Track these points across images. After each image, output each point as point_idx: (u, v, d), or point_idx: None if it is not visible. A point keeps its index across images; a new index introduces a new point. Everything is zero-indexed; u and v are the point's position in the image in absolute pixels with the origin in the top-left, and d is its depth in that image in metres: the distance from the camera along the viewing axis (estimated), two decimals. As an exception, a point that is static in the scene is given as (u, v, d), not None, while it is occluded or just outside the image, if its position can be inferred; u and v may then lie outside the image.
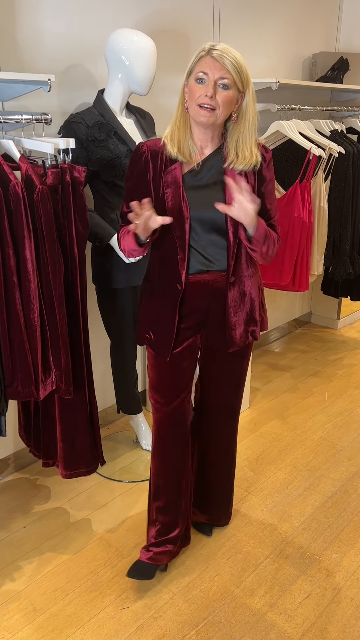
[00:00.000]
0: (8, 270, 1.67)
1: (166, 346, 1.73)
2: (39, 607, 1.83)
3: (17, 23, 2.08)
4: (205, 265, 1.65)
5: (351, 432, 2.84)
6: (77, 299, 1.85)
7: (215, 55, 1.47)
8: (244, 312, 1.73)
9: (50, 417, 2.01)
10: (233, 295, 1.70)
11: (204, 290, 1.67)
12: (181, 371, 1.79)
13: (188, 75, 1.54)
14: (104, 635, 1.74)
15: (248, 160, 1.60)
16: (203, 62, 1.49)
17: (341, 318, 4.18)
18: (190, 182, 1.61)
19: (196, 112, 1.52)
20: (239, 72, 1.50)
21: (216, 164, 1.62)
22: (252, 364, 3.45)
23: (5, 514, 2.24)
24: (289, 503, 2.32)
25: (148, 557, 1.90)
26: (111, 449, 2.66)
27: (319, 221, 2.93)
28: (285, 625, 1.78)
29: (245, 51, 3.03)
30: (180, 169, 1.60)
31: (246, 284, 1.71)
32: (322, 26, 3.56)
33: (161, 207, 1.61)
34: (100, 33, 2.28)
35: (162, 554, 1.91)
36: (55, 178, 1.72)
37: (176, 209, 1.59)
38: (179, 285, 1.65)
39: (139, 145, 1.65)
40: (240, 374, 1.90)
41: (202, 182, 1.62)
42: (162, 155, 1.61)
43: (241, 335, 1.75)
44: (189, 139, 1.59)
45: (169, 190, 1.60)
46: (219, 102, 1.50)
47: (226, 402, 1.93)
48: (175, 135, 1.60)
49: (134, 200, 1.65)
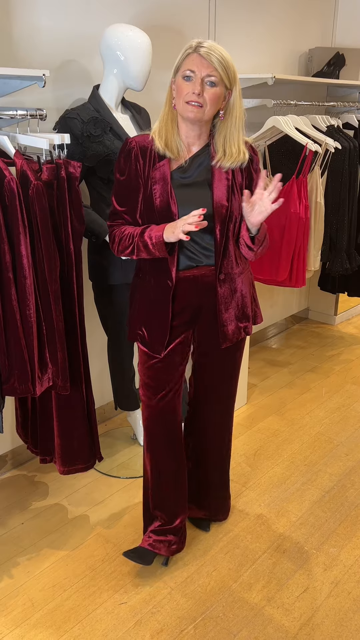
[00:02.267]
0: (3, 266, 1.67)
1: (160, 343, 1.74)
2: (37, 602, 1.84)
3: (12, 18, 2.07)
4: (193, 261, 1.67)
5: (348, 427, 2.84)
6: (74, 295, 1.84)
7: (203, 52, 1.48)
8: (235, 308, 1.75)
9: (48, 414, 2.01)
10: (223, 292, 1.71)
11: (194, 285, 1.68)
12: (172, 367, 1.79)
13: (175, 72, 1.55)
14: (102, 630, 1.74)
15: (235, 158, 1.60)
16: (190, 60, 1.50)
17: (338, 314, 4.18)
18: (178, 179, 1.62)
19: (184, 109, 1.53)
20: (226, 69, 1.50)
21: (204, 162, 1.62)
22: (250, 360, 3.45)
23: (3, 511, 2.24)
24: (286, 498, 2.33)
25: (148, 543, 1.92)
26: (109, 445, 2.66)
27: (316, 217, 2.93)
28: (283, 619, 1.78)
29: (241, 46, 3.04)
30: (168, 165, 1.61)
31: (237, 280, 1.72)
32: (318, 21, 3.55)
33: (150, 203, 1.61)
34: (96, 28, 2.28)
35: (162, 543, 1.92)
36: (50, 174, 1.71)
37: (164, 206, 1.60)
38: (170, 282, 1.66)
39: (128, 140, 1.65)
40: (233, 369, 1.91)
41: (190, 180, 1.62)
42: (150, 151, 1.61)
43: (233, 331, 1.76)
44: (176, 135, 1.60)
45: (156, 186, 1.60)
46: (206, 99, 1.50)
47: (220, 397, 1.93)
48: (163, 132, 1.60)
49: (127, 197, 1.66)
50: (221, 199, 1.61)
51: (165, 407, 1.82)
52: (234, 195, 1.63)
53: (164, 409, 1.83)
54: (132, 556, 1.90)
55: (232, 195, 1.63)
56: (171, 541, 1.94)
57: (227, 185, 1.62)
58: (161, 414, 1.83)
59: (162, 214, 1.61)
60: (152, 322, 1.74)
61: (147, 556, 1.91)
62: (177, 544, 1.96)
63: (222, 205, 1.61)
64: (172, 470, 1.90)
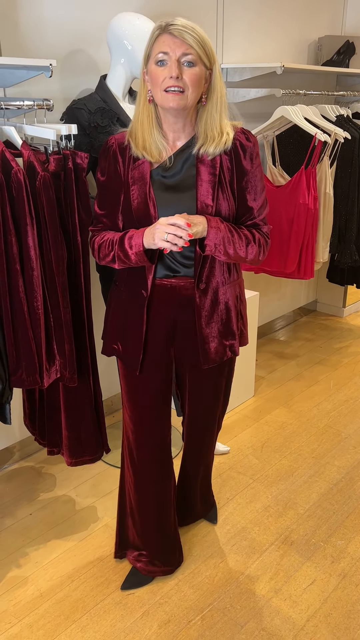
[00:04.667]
0: (11, 258, 1.66)
1: (135, 359, 1.59)
2: (45, 593, 1.85)
3: (19, 8, 2.05)
4: (172, 270, 1.51)
5: (356, 419, 2.83)
6: (81, 286, 1.84)
7: (173, 30, 1.31)
8: (218, 323, 1.56)
9: (55, 405, 2.01)
10: (204, 304, 1.52)
11: (171, 296, 1.52)
12: (153, 386, 1.64)
13: (146, 60, 1.38)
14: (109, 620, 1.75)
15: (217, 141, 1.42)
16: (161, 41, 1.33)
17: (347, 306, 4.16)
18: (159, 178, 1.46)
19: (163, 99, 1.36)
20: (202, 46, 1.33)
21: (189, 157, 1.46)
22: (257, 352, 3.44)
23: (12, 502, 2.25)
24: (294, 490, 2.32)
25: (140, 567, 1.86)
26: (117, 437, 2.66)
27: (325, 208, 2.90)
28: (290, 610, 1.78)
29: (249, 35, 3.01)
30: (148, 163, 1.46)
31: (220, 291, 1.54)
32: (327, 9, 3.50)
33: (127, 206, 1.48)
34: (102, 18, 2.25)
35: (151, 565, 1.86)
36: (57, 165, 1.70)
37: (142, 209, 1.45)
38: (145, 291, 1.52)
39: (108, 139, 1.52)
40: (218, 391, 1.73)
41: (173, 179, 1.46)
42: (130, 150, 1.47)
43: (216, 349, 1.57)
44: (155, 134, 1.43)
45: (135, 187, 1.45)
46: (187, 82, 1.33)
47: (202, 418, 1.78)
48: (138, 133, 1.44)
49: (108, 200, 1.53)
50: (205, 197, 1.44)
51: (150, 430, 1.68)
52: (221, 193, 1.46)
53: (148, 432, 1.69)
54: (129, 585, 1.83)
55: (220, 192, 1.46)
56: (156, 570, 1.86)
57: (214, 182, 1.44)
58: (145, 437, 1.70)
59: (140, 217, 1.46)
60: (127, 335, 1.59)
61: (145, 578, 1.86)
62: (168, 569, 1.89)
63: (206, 205, 1.44)
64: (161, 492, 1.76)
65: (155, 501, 1.79)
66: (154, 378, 1.64)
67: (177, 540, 1.92)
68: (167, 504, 1.81)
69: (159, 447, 1.75)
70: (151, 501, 1.79)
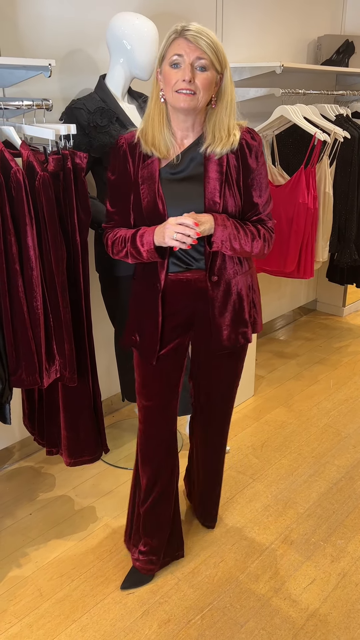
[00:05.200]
0: (10, 257, 1.66)
1: (152, 349, 1.65)
2: (45, 592, 1.85)
3: (18, 8, 2.05)
4: (184, 264, 1.57)
5: (356, 419, 2.83)
6: (80, 286, 1.84)
7: (189, 36, 1.37)
8: (231, 313, 1.63)
9: (54, 405, 2.01)
10: (216, 295, 1.59)
11: (186, 289, 1.59)
12: (167, 374, 1.71)
13: (160, 61, 1.44)
14: (109, 620, 1.75)
15: (225, 141, 1.48)
16: (176, 45, 1.39)
17: (347, 305, 4.16)
18: (167, 176, 1.52)
19: (175, 99, 1.42)
20: (215, 52, 1.40)
21: (196, 156, 1.52)
22: (257, 351, 3.44)
23: (11, 502, 2.26)
24: (293, 490, 2.32)
25: (138, 566, 1.87)
26: (116, 436, 2.66)
27: (324, 207, 2.90)
28: (290, 610, 1.79)
29: (248, 34, 3.01)
30: (158, 162, 1.51)
31: (232, 282, 1.60)
32: (327, 8, 3.50)
33: (138, 204, 1.54)
34: (102, 17, 2.25)
35: (150, 564, 1.87)
36: (56, 164, 1.70)
37: (151, 206, 1.51)
38: (159, 285, 1.58)
39: (118, 138, 1.57)
40: (232, 378, 1.81)
41: (180, 176, 1.52)
42: (139, 149, 1.53)
43: (229, 337, 1.65)
44: (165, 132, 1.49)
45: (144, 186, 1.51)
46: (198, 85, 1.40)
47: (215, 404, 1.85)
48: (149, 130, 1.50)
49: (119, 198, 1.58)
50: (213, 195, 1.50)
51: (162, 415, 1.74)
52: (228, 190, 1.51)
53: (160, 417, 1.75)
54: (129, 585, 1.85)
55: (227, 189, 1.51)
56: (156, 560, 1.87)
57: (221, 180, 1.50)
58: (157, 421, 1.76)
59: (150, 215, 1.52)
60: (144, 327, 1.65)
61: (145, 577, 1.87)
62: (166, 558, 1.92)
63: (214, 202, 1.50)
64: (166, 483, 1.81)
65: (159, 490, 1.81)
66: (168, 367, 1.70)
67: (179, 533, 1.95)
68: (169, 494, 1.84)
69: (166, 435, 1.80)
70: (156, 489, 1.81)
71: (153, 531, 1.85)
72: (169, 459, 1.81)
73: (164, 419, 1.77)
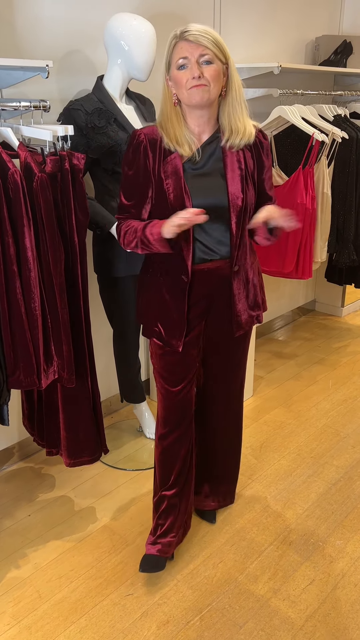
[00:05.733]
0: (8, 259, 1.66)
1: (178, 338, 1.73)
2: (44, 594, 1.85)
3: (15, 9, 2.05)
4: (208, 255, 1.65)
5: (355, 419, 2.83)
6: (78, 287, 1.84)
7: (189, 37, 1.47)
8: (248, 298, 1.75)
9: (53, 406, 2.01)
10: (238, 284, 1.70)
11: (208, 279, 1.67)
12: (189, 359, 1.79)
13: (168, 67, 1.52)
14: (108, 621, 1.75)
15: (242, 133, 1.59)
16: (179, 48, 1.49)
17: (345, 305, 4.16)
18: (190, 171, 1.60)
19: (189, 96, 1.51)
20: (216, 45, 1.49)
21: (215, 151, 1.61)
22: (256, 352, 3.44)
23: (11, 503, 2.25)
24: (292, 490, 2.32)
25: (157, 550, 1.89)
26: (115, 437, 2.66)
27: (323, 207, 2.91)
28: (289, 611, 1.79)
29: (246, 35, 3.01)
30: (179, 157, 1.59)
31: (249, 271, 1.73)
32: (325, 9, 3.50)
33: (162, 198, 1.60)
34: (99, 18, 2.25)
35: (168, 545, 1.91)
36: (54, 166, 1.70)
37: (178, 200, 1.58)
38: (185, 277, 1.65)
39: (136, 133, 1.62)
40: (242, 357, 1.92)
41: (202, 170, 1.61)
42: (160, 145, 1.59)
43: (246, 320, 1.78)
44: (185, 129, 1.58)
45: (169, 181, 1.58)
46: (208, 78, 1.49)
47: (230, 385, 1.94)
48: (170, 129, 1.58)
49: (135, 191, 1.63)
50: (236, 190, 1.60)
51: (183, 398, 1.83)
52: (247, 186, 1.62)
53: (181, 400, 1.83)
54: (147, 568, 1.88)
55: (247, 185, 1.61)
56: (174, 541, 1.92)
57: (241, 175, 1.60)
58: (178, 404, 1.83)
59: (176, 209, 1.56)
60: (168, 318, 1.72)
61: (159, 562, 1.89)
62: (180, 537, 1.96)
63: (237, 197, 1.60)
64: (184, 462, 1.90)
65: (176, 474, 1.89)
66: (191, 353, 1.79)
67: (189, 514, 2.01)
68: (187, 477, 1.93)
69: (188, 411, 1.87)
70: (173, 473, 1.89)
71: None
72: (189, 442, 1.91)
73: (185, 403, 1.85)
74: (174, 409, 1.84)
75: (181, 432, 1.87)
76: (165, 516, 1.92)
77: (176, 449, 1.88)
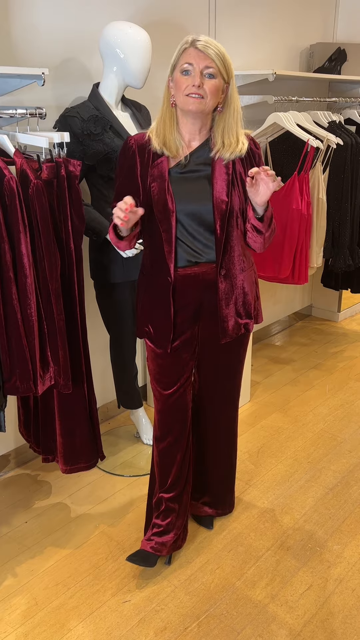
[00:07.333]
0: (4, 265, 1.67)
1: (165, 340, 1.75)
2: (41, 601, 1.84)
3: (11, 17, 2.07)
4: (193, 257, 1.67)
5: (352, 424, 2.84)
6: (75, 293, 1.84)
7: (199, 46, 1.50)
8: (236, 305, 1.75)
9: (50, 413, 2.01)
10: (224, 288, 1.71)
11: (195, 282, 1.69)
12: (181, 363, 1.80)
13: (172, 69, 1.56)
14: (105, 628, 1.75)
15: (234, 148, 1.61)
16: (187, 54, 1.52)
17: (342, 311, 4.17)
18: (176, 175, 1.62)
19: (184, 102, 1.54)
20: (223, 61, 1.52)
21: (204, 156, 1.63)
22: (253, 357, 3.45)
23: (7, 510, 2.25)
24: (290, 495, 2.32)
25: (150, 546, 1.91)
26: (112, 443, 2.66)
27: (318, 213, 2.92)
28: (287, 616, 1.78)
29: (241, 42, 3.03)
30: (167, 162, 1.61)
31: (238, 277, 1.72)
32: (319, 16, 3.53)
33: (148, 200, 1.62)
34: (95, 26, 2.27)
35: (162, 545, 1.91)
36: (50, 172, 1.71)
37: (161, 203, 1.60)
38: (169, 278, 1.67)
39: (127, 139, 1.66)
40: (236, 364, 1.91)
41: (188, 175, 1.63)
42: (148, 149, 1.62)
43: (233, 326, 1.77)
44: (175, 133, 1.60)
45: (154, 184, 1.61)
46: (206, 91, 1.52)
47: (224, 391, 1.94)
48: (160, 130, 1.60)
49: (123, 195, 1.64)
50: (221, 194, 1.61)
51: (177, 402, 1.84)
52: (234, 190, 1.62)
53: (176, 403, 1.84)
54: (135, 559, 1.90)
55: (233, 189, 1.62)
56: (170, 541, 1.93)
57: (227, 180, 1.61)
58: (172, 408, 1.84)
59: (159, 211, 1.61)
60: (157, 319, 1.75)
61: (150, 558, 1.91)
62: (178, 541, 1.96)
63: (221, 200, 1.61)
64: (180, 465, 1.91)
65: (173, 477, 1.89)
66: (183, 356, 1.80)
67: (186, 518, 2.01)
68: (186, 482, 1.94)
69: (183, 416, 1.87)
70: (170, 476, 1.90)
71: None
72: (186, 445, 1.92)
73: (180, 406, 1.86)
74: (168, 412, 1.85)
75: (176, 435, 1.87)
76: (163, 517, 1.92)
77: (172, 452, 1.88)
